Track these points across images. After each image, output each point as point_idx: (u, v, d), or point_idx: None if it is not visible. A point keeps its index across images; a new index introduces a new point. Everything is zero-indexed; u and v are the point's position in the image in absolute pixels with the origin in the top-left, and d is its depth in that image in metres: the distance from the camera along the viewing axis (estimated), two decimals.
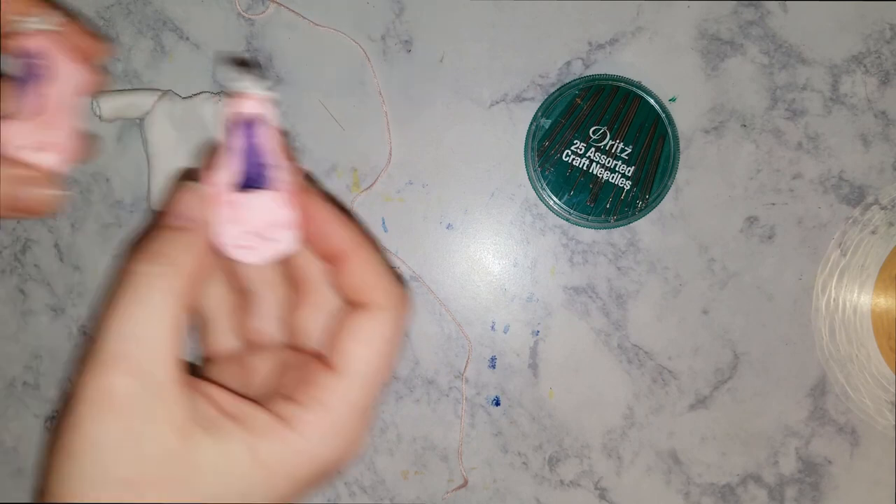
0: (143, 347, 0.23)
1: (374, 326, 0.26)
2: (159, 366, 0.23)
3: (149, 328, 0.23)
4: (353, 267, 0.26)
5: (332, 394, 0.25)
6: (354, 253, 0.26)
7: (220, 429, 0.24)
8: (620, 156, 0.36)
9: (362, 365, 0.25)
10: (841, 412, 0.38)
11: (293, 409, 0.25)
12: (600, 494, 0.39)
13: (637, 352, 0.38)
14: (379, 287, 0.26)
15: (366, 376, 0.25)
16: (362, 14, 0.38)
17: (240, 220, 0.25)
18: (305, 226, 0.26)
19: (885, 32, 0.36)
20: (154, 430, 0.23)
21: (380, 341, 0.26)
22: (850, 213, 0.37)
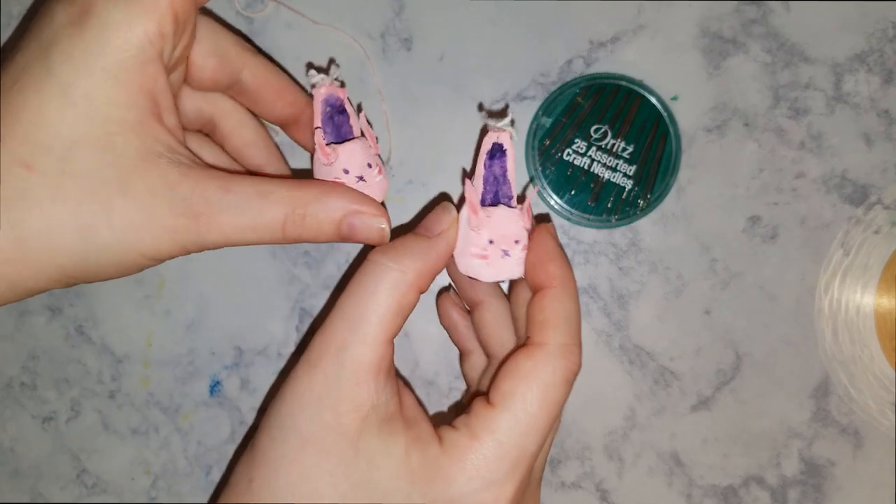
0: (353, 329, 0.25)
1: (539, 366, 0.26)
2: (362, 347, 0.25)
3: (364, 314, 0.25)
4: (548, 299, 0.27)
5: (483, 426, 0.25)
6: (561, 287, 0.27)
7: (392, 424, 0.25)
8: (622, 155, 0.36)
9: (519, 403, 0.25)
10: (844, 413, 0.38)
11: (449, 432, 0.26)
12: (602, 496, 0.39)
13: (639, 352, 0.38)
14: (558, 329, 0.26)
15: (519, 416, 0.25)
16: (362, 12, 0.37)
17: (484, 227, 0.27)
18: (528, 253, 0.28)
19: (888, 31, 0.36)
20: (338, 401, 0.25)
21: (542, 383, 0.25)
22: (853, 213, 0.37)
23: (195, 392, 0.40)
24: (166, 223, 0.24)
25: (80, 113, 0.23)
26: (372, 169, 0.29)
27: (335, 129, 0.30)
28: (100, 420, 0.40)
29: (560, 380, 0.26)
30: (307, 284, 0.39)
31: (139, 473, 0.40)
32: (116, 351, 0.40)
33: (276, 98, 0.30)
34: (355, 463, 0.25)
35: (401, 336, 0.39)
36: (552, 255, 0.27)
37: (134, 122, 0.24)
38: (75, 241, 0.24)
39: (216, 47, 0.28)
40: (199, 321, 0.39)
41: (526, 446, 0.25)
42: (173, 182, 0.24)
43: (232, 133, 0.31)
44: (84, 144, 0.23)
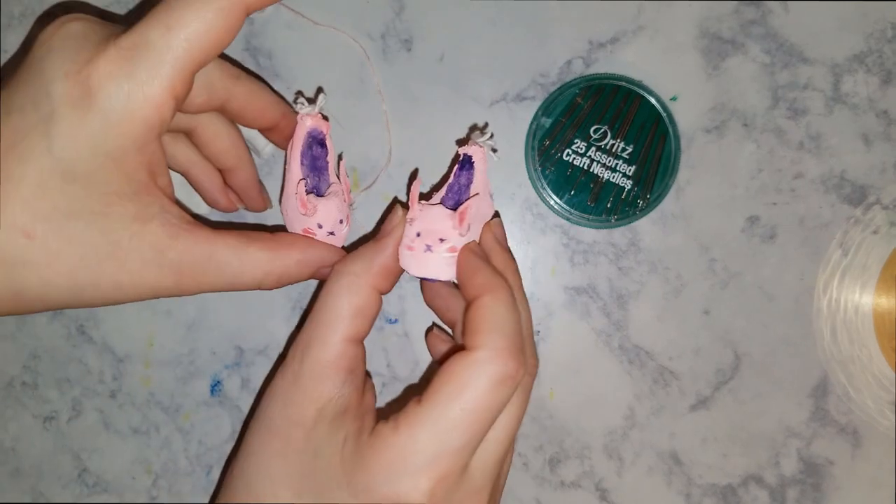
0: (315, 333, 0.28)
1: (467, 372, 0.26)
2: (323, 349, 0.28)
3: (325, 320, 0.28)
4: (479, 308, 0.27)
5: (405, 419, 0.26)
6: (491, 294, 0.27)
7: (343, 416, 0.28)
8: (621, 155, 0.36)
9: (441, 402, 0.26)
10: (842, 413, 0.38)
11: (380, 423, 0.27)
12: (601, 495, 0.39)
13: (638, 352, 0.38)
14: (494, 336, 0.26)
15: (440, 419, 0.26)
16: (362, 13, 0.37)
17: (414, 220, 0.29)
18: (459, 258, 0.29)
19: (886, 31, 0.36)
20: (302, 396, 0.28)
21: (468, 388, 0.26)
22: (852, 213, 0.37)
23: (196, 392, 0.40)
24: (150, 283, 0.27)
25: (79, 189, 0.25)
26: (342, 225, 0.31)
27: (311, 161, 0.31)
28: (101, 419, 0.40)
29: (487, 383, 0.26)
30: (307, 284, 0.39)
31: (140, 473, 0.40)
32: (117, 350, 0.40)
33: (257, 116, 0.31)
34: (305, 452, 0.27)
35: (401, 336, 0.39)
36: (475, 267, 0.29)
37: (130, 193, 0.26)
38: (66, 298, 0.26)
39: (205, 82, 0.29)
40: (200, 321, 0.39)
41: (445, 443, 0.26)
42: (162, 246, 0.26)
43: (209, 141, 0.33)
44: (82, 215, 0.25)
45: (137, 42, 0.25)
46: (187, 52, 0.25)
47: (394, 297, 0.38)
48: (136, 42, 0.25)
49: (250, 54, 0.38)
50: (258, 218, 0.39)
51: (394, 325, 0.39)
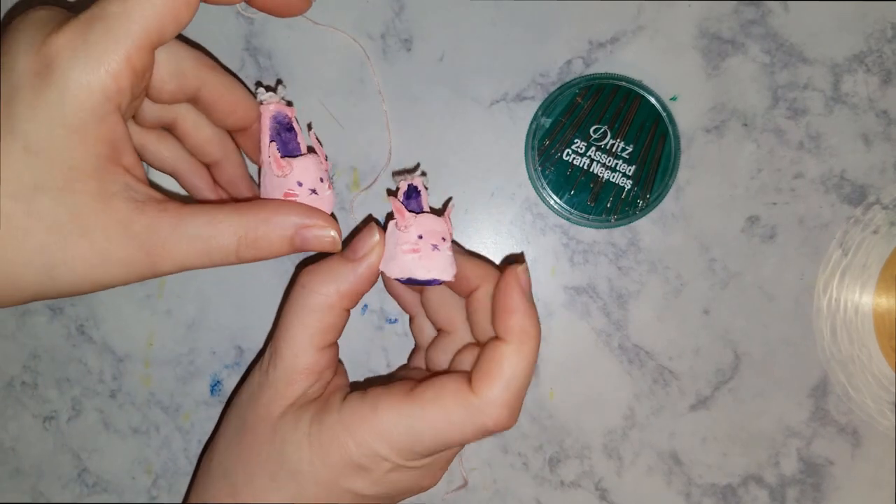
0: (284, 339, 0.30)
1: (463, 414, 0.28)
2: (291, 353, 0.29)
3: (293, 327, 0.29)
4: (500, 355, 0.28)
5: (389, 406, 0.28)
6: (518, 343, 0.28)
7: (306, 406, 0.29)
8: (621, 155, 0.36)
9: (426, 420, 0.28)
10: (842, 413, 0.38)
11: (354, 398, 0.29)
12: (601, 495, 0.39)
13: (638, 352, 0.38)
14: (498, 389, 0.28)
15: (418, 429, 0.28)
16: (362, 13, 0.37)
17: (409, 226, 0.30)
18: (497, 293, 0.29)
19: (886, 31, 0.36)
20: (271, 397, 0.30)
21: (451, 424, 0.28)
22: (852, 213, 0.37)
23: (196, 391, 0.40)
24: (120, 258, 0.26)
25: (42, 163, 0.25)
26: (323, 183, 0.30)
27: (283, 146, 0.31)
28: (101, 419, 0.40)
29: (473, 430, 0.28)
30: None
31: (140, 472, 0.40)
32: (117, 350, 0.40)
33: (229, 112, 0.31)
34: (273, 443, 0.29)
35: (401, 335, 0.39)
36: (518, 306, 0.29)
37: (92, 169, 0.26)
38: (37, 276, 0.26)
39: (175, 69, 0.29)
40: (200, 320, 0.39)
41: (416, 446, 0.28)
42: (127, 220, 0.26)
43: (190, 132, 0.32)
44: (46, 190, 0.25)
45: (96, 14, 0.25)
46: (144, 23, 0.25)
47: None
48: (94, 14, 0.25)
49: (250, 54, 0.38)
50: None
51: (394, 325, 0.39)
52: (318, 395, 0.30)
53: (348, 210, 0.38)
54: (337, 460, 0.28)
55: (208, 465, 0.32)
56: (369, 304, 0.39)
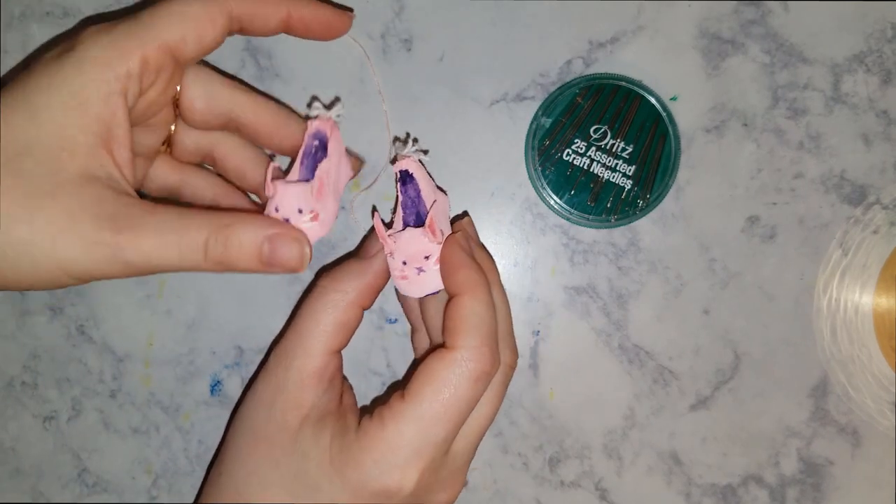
0: (299, 343, 0.30)
1: (446, 368, 0.28)
2: (306, 358, 0.29)
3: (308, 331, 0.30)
4: (459, 307, 0.29)
5: (392, 416, 0.28)
6: (471, 292, 0.29)
7: (324, 419, 0.29)
8: (621, 155, 0.36)
9: (426, 400, 0.28)
10: (842, 413, 0.38)
11: (366, 420, 0.29)
12: (601, 495, 0.39)
13: (638, 352, 0.38)
14: (472, 334, 0.28)
15: (425, 411, 0.28)
16: (362, 12, 0.37)
17: (397, 252, 0.30)
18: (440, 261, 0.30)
19: (886, 31, 0.36)
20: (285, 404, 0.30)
21: (447, 384, 0.28)
22: (852, 213, 0.37)
23: (196, 391, 0.40)
24: (86, 235, 0.25)
25: (39, 129, 0.26)
26: (302, 215, 0.28)
27: (313, 164, 0.30)
28: (101, 419, 0.40)
29: (466, 380, 0.28)
30: (307, 284, 0.39)
31: (140, 472, 0.40)
32: (117, 350, 0.40)
33: (272, 134, 0.32)
34: (294, 455, 0.29)
35: (401, 335, 0.39)
36: (459, 263, 0.30)
37: (84, 146, 0.26)
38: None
39: (205, 91, 0.30)
40: (200, 320, 0.39)
41: (429, 436, 0.28)
42: (102, 200, 0.26)
43: (228, 156, 0.33)
44: (33, 154, 0.26)
45: (127, 17, 0.28)
46: (166, 29, 0.27)
47: (394, 297, 0.38)
48: (126, 17, 0.28)
49: (250, 54, 0.38)
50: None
51: (394, 325, 0.39)
52: (333, 409, 0.30)
53: (348, 210, 0.38)
54: (357, 485, 0.28)
55: (217, 477, 0.31)
56: None
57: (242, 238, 0.27)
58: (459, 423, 0.29)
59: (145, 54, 0.27)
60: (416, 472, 0.28)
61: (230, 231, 0.27)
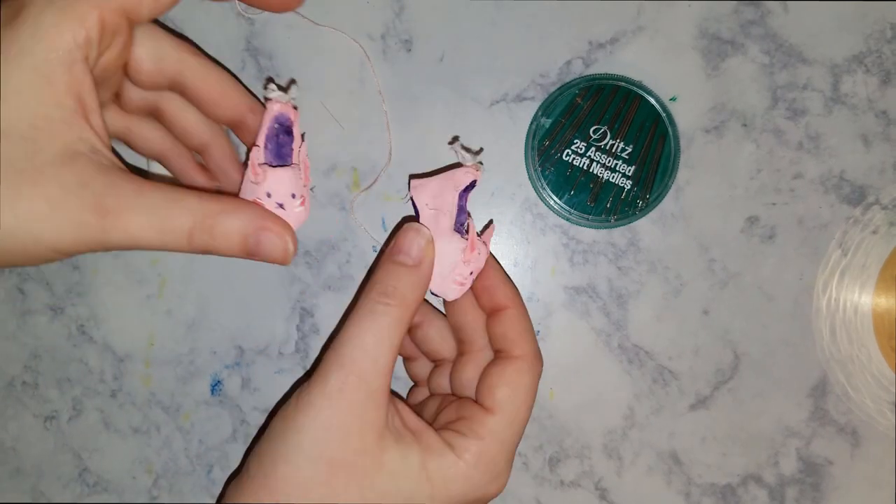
0: (369, 360, 0.28)
1: (523, 376, 0.31)
2: (377, 377, 0.28)
3: (376, 347, 0.29)
4: (512, 319, 0.32)
5: (486, 429, 0.30)
6: (515, 306, 0.32)
7: (403, 439, 0.29)
8: (621, 155, 0.36)
9: (511, 407, 0.31)
10: (842, 413, 0.38)
11: (455, 438, 0.30)
12: (601, 495, 0.39)
13: (637, 352, 0.38)
14: (528, 341, 0.32)
15: (513, 418, 0.31)
16: (362, 13, 0.37)
17: (471, 262, 0.31)
18: (479, 278, 0.32)
19: (885, 32, 0.36)
20: (361, 425, 0.28)
21: (525, 388, 0.31)
22: (851, 213, 0.37)
23: (196, 391, 0.40)
24: (72, 216, 0.25)
25: (10, 107, 0.25)
26: (294, 199, 0.29)
27: (276, 148, 0.30)
28: (101, 419, 0.40)
29: (536, 381, 0.32)
30: (308, 284, 0.39)
31: (140, 472, 0.40)
32: (118, 350, 0.40)
33: (217, 101, 0.31)
34: (380, 477, 0.28)
35: None
36: (502, 280, 0.33)
37: (59, 120, 0.25)
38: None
39: (153, 53, 0.29)
40: (201, 321, 0.39)
41: (517, 440, 0.31)
42: (87, 178, 0.25)
43: (175, 116, 0.32)
44: (8, 135, 0.25)
45: None
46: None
47: None
48: None
49: (250, 55, 0.38)
50: None
51: None
52: (401, 427, 0.30)
53: (348, 210, 0.38)
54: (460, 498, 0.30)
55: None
56: None
57: (229, 229, 0.27)
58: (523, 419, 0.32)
59: (103, 17, 0.26)
60: (509, 474, 0.31)
61: (217, 220, 0.27)
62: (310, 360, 0.39)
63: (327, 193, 0.38)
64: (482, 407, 0.31)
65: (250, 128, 0.32)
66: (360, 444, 0.28)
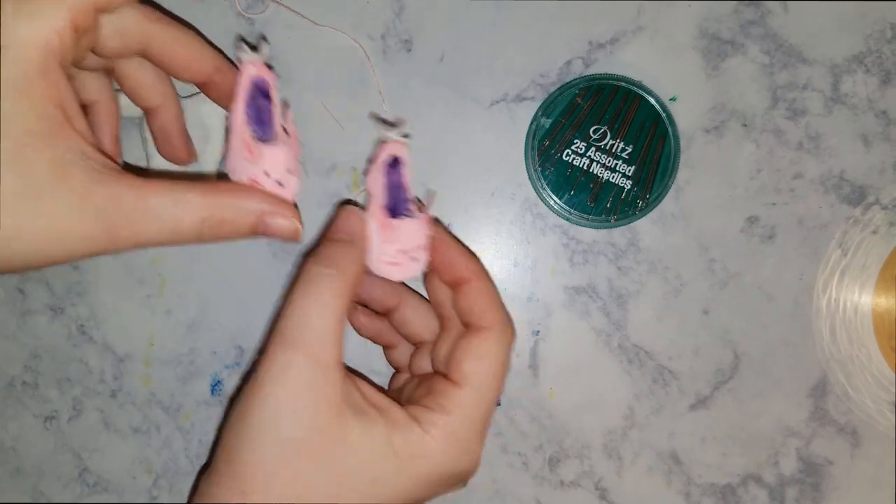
0: (314, 334, 0.27)
1: (490, 346, 0.30)
2: (325, 350, 0.27)
3: (320, 319, 0.27)
4: (475, 291, 0.31)
5: (454, 403, 0.29)
6: (478, 278, 0.31)
7: (365, 414, 0.28)
8: (621, 155, 0.36)
9: (479, 379, 0.30)
10: (842, 413, 0.38)
11: (422, 412, 0.29)
12: (601, 495, 0.39)
13: (637, 352, 0.38)
14: (496, 311, 0.31)
15: (482, 391, 0.30)
16: (362, 13, 0.37)
17: (395, 241, 0.30)
18: (435, 253, 0.31)
19: (885, 32, 0.36)
20: (316, 402, 0.27)
21: (493, 359, 0.30)
22: (851, 213, 0.37)
23: (196, 391, 0.40)
24: (79, 234, 0.25)
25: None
26: (291, 176, 0.29)
27: (256, 115, 0.29)
28: (101, 419, 0.40)
29: (507, 351, 0.31)
30: None
31: (140, 472, 0.40)
32: (118, 350, 0.40)
33: (183, 66, 0.31)
34: (344, 455, 0.27)
35: None
36: (461, 253, 0.32)
37: (44, 133, 0.25)
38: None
39: (117, 29, 0.28)
40: (201, 321, 0.39)
41: (488, 413, 0.30)
42: (87, 193, 0.25)
43: (129, 74, 0.32)
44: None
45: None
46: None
47: None
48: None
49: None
50: None
51: None
52: (362, 401, 0.29)
53: None
54: (431, 475, 0.29)
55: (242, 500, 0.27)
56: None
57: (237, 221, 0.27)
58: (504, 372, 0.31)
59: (75, 19, 0.25)
60: (481, 448, 0.30)
61: (225, 214, 0.27)
62: None
63: (327, 193, 0.38)
64: (450, 381, 0.30)
65: (219, 86, 0.32)
66: (316, 421, 0.27)
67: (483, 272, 0.32)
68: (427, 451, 0.28)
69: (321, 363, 0.27)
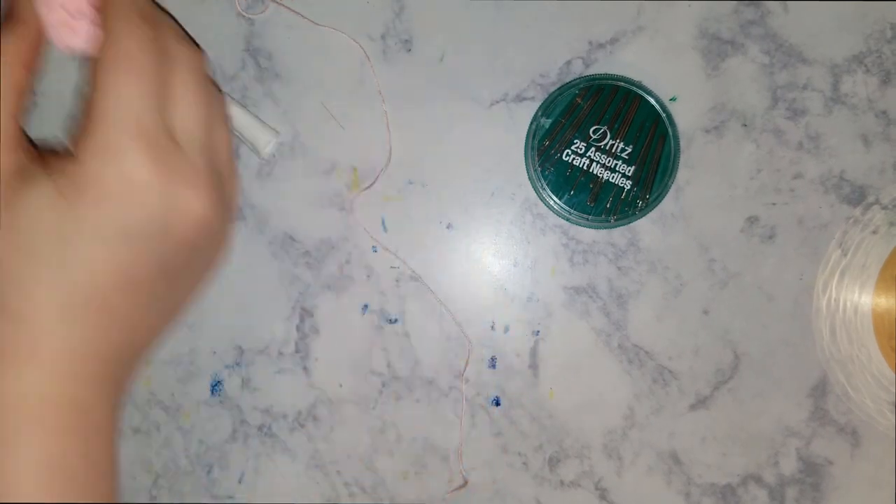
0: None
1: (105, 55, 0.27)
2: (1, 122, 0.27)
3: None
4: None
5: (91, 122, 0.26)
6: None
7: (33, 175, 0.27)
8: (621, 155, 0.36)
9: (106, 73, 0.27)
10: (842, 413, 0.38)
11: (74, 143, 0.27)
12: (601, 495, 0.39)
13: (637, 352, 0.38)
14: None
15: (114, 86, 0.26)
16: (362, 13, 0.37)
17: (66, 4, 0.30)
18: None
19: (885, 32, 0.36)
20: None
21: (117, 57, 0.27)
22: (851, 213, 0.37)
23: (196, 391, 0.40)
24: None
25: None
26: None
27: None
28: None
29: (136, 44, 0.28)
30: (308, 284, 0.39)
31: (140, 472, 0.40)
32: None
33: None
34: (21, 225, 0.27)
35: (401, 336, 0.39)
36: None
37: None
38: None
39: None
40: (200, 321, 0.39)
41: (134, 115, 0.27)
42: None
43: None
44: None
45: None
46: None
47: (394, 297, 0.39)
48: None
49: (250, 55, 0.38)
50: None
51: (394, 325, 0.39)
52: (27, 162, 0.28)
53: (348, 210, 0.38)
54: (97, 197, 0.27)
55: None
56: (369, 304, 0.39)
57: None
58: (149, 93, 0.27)
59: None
60: (141, 153, 0.26)
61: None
62: (310, 360, 0.39)
63: (327, 193, 0.38)
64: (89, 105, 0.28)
65: None
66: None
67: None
68: (89, 177, 0.26)
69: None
